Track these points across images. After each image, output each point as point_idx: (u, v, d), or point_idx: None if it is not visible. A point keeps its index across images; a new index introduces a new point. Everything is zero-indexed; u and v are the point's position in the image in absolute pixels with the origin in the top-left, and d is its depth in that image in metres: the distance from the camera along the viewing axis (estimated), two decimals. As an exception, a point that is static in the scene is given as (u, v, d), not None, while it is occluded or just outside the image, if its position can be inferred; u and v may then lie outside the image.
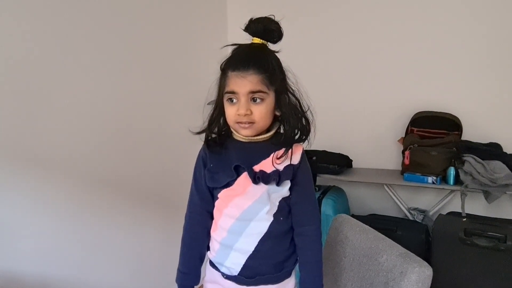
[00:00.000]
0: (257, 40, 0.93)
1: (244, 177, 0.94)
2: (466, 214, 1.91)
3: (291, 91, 0.96)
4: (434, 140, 2.14)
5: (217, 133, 1.00)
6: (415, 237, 1.93)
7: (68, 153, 1.60)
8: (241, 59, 0.91)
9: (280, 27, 0.93)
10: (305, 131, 0.97)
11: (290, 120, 0.94)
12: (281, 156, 0.95)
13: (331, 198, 2.20)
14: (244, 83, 0.89)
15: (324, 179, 2.33)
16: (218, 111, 0.98)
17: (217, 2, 2.78)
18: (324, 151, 2.36)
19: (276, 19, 0.94)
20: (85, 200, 1.69)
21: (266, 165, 0.95)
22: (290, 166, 0.96)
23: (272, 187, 0.95)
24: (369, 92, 2.45)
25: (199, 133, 0.99)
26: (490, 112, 2.17)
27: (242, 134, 0.95)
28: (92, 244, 1.73)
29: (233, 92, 0.91)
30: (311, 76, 2.53)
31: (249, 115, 0.90)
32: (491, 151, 1.99)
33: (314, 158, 2.29)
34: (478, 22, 2.17)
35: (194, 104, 1.45)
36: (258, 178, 0.93)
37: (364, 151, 2.47)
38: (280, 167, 0.95)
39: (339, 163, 2.31)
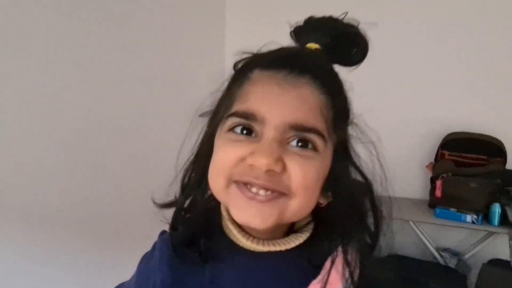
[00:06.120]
0: (314, 46, 0.47)
1: None
2: (515, 264, 1.54)
3: (354, 158, 0.47)
4: (473, 168, 1.77)
5: (198, 213, 0.48)
6: (453, 293, 1.54)
7: None
8: (289, 53, 0.45)
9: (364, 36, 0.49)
10: (373, 236, 0.47)
11: (343, 220, 0.45)
12: None
13: (345, 235, 1.82)
14: (286, 101, 0.41)
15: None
16: (205, 158, 0.47)
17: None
18: (336, 175, 1.98)
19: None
20: None
21: None
22: None
23: None
24: (392, 105, 2.05)
25: (166, 206, 0.50)
26: (540, 135, 1.80)
27: (242, 220, 0.41)
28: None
29: (251, 116, 0.41)
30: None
31: (277, 173, 0.40)
32: (546, 185, 1.63)
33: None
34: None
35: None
36: None
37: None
38: None
39: (355, 190, 1.93)
